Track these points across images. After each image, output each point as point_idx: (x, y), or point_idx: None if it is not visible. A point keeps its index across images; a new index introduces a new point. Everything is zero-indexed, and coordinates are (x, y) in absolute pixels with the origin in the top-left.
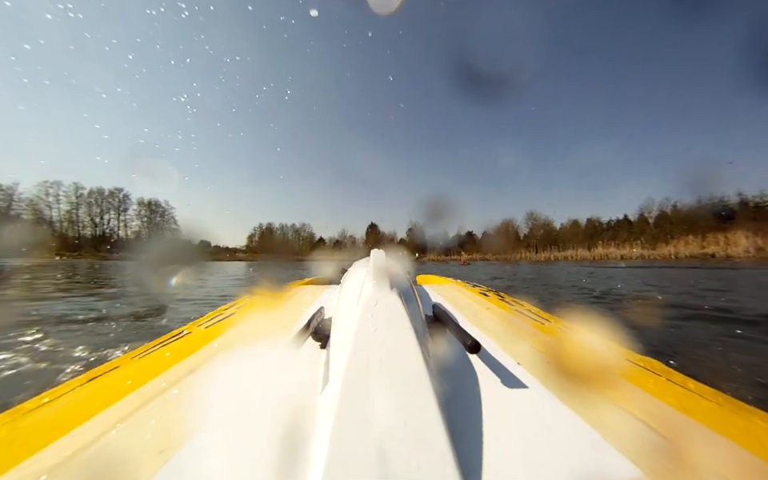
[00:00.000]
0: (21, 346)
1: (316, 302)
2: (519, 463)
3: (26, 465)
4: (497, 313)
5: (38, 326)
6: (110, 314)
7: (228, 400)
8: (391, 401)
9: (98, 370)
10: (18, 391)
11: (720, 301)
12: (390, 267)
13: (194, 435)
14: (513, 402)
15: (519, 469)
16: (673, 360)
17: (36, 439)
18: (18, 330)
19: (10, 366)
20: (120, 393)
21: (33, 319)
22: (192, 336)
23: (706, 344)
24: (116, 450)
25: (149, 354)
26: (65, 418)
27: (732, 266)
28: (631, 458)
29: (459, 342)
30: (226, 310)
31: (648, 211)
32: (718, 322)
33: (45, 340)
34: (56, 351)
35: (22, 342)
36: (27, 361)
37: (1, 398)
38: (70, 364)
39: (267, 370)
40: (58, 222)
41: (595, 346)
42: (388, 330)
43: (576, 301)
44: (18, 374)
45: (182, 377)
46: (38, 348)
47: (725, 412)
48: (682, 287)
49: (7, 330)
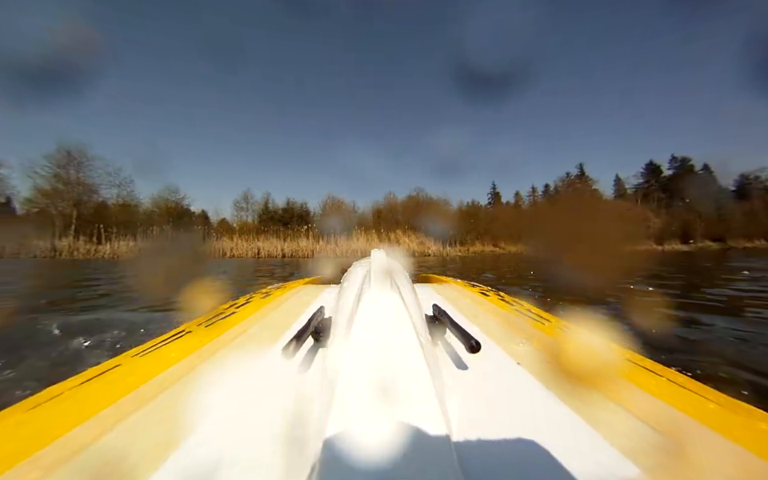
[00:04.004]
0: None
1: (316, 301)
2: (520, 463)
3: (26, 464)
4: (497, 313)
5: None
6: None
7: (227, 399)
8: (391, 401)
9: (99, 369)
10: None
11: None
12: (390, 267)
13: (194, 434)
14: (513, 401)
15: (519, 469)
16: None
17: (35, 438)
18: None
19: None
20: (120, 391)
21: None
22: (192, 335)
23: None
24: (116, 448)
25: (149, 352)
26: (64, 417)
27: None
28: (631, 457)
29: (459, 341)
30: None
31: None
32: None
33: None
34: None
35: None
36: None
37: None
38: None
39: (267, 370)
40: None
41: (595, 346)
42: (388, 330)
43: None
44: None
45: (182, 376)
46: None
47: (725, 412)
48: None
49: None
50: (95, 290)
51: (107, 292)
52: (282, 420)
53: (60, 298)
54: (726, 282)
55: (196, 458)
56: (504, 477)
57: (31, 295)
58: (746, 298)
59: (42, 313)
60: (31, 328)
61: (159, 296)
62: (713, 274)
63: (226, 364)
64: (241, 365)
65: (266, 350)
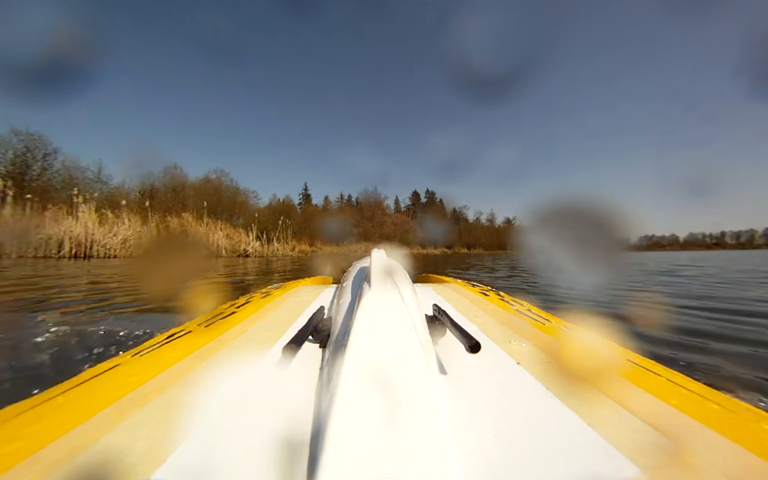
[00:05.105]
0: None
1: (316, 301)
2: (520, 463)
3: (26, 464)
4: (497, 313)
5: None
6: None
7: (227, 399)
8: (391, 401)
9: (99, 369)
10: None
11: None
12: (390, 266)
13: (194, 434)
14: (513, 402)
15: (520, 469)
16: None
17: (35, 438)
18: None
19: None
20: (120, 391)
21: None
22: (192, 334)
23: None
24: (116, 448)
25: (149, 352)
26: (64, 417)
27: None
28: (631, 457)
29: (459, 341)
30: (226, 309)
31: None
32: None
33: None
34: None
35: None
36: None
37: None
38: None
39: (267, 370)
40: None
41: (595, 346)
42: (388, 330)
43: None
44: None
45: (182, 376)
46: None
47: (725, 412)
48: None
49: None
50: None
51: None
52: (281, 420)
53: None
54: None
55: (196, 458)
56: (504, 477)
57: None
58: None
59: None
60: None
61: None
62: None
63: (226, 364)
64: (241, 365)
65: (265, 350)
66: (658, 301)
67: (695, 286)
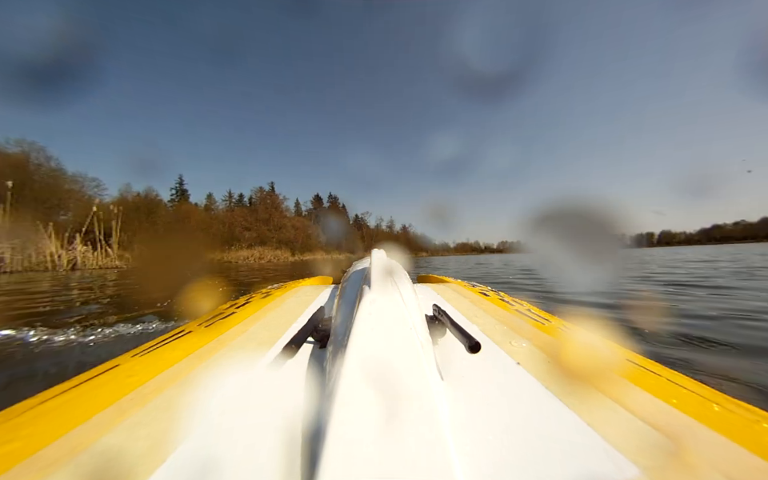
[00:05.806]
0: None
1: (316, 301)
2: (520, 463)
3: (26, 464)
4: (497, 313)
5: None
6: None
7: (227, 399)
8: (391, 400)
9: (99, 369)
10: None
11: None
12: (390, 266)
13: (194, 434)
14: (513, 402)
15: (520, 469)
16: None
17: (35, 438)
18: None
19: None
20: (120, 391)
21: None
22: (192, 335)
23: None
24: (116, 448)
25: (149, 352)
26: (64, 417)
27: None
28: (631, 458)
29: (459, 341)
30: (226, 310)
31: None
32: None
33: None
34: None
35: None
36: None
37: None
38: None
39: (267, 370)
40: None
41: (595, 346)
42: (388, 330)
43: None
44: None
45: (182, 376)
46: None
47: (725, 412)
48: None
49: None
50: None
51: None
52: (282, 420)
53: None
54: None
55: (196, 458)
56: (504, 477)
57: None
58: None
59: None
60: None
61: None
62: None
63: (226, 364)
64: (241, 365)
65: (266, 350)
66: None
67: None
